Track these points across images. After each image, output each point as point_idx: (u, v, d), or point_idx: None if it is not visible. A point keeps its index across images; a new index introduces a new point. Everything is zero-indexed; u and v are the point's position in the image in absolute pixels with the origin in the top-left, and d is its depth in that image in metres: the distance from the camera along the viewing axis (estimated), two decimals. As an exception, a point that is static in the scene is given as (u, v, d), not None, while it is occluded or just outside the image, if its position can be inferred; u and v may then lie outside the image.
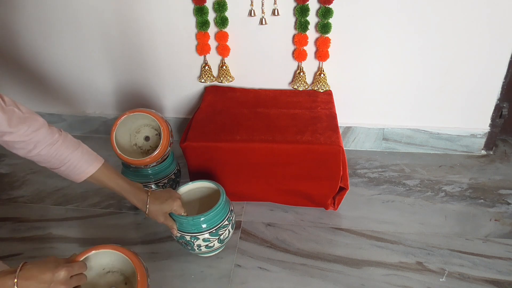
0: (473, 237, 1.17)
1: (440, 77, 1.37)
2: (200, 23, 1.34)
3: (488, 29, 1.26)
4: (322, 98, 1.38)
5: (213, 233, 1.04)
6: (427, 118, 1.46)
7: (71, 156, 0.91)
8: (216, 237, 1.04)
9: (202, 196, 1.15)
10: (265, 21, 1.32)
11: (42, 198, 1.36)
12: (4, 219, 1.28)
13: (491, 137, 1.47)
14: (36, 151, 0.87)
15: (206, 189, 1.14)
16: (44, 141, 0.87)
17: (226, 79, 1.45)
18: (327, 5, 1.26)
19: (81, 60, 1.51)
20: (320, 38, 1.32)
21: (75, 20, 1.42)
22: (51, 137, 0.89)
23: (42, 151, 0.88)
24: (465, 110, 1.43)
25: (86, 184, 1.41)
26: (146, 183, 1.22)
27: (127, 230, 1.23)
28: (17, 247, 1.18)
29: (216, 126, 1.25)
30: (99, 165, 0.96)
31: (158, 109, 1.57)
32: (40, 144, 0.87)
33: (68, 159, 0.91)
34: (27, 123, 0.85)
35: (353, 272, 1.08)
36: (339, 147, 1.13)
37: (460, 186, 1.36)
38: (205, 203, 1.13)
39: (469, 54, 1.32)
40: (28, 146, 0.86)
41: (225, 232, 1.06)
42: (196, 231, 1.02)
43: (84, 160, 0.93)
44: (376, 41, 1.32)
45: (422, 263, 1.10)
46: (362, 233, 1.19)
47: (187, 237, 1.03)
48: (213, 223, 1.03)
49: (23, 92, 1.62)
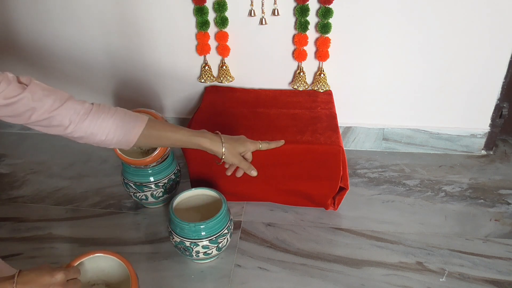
0: (473, 237, 1.17)
1: (440, 77, 1.37)
2: (200, 23, 1.34)
3: (488, 29, 1.26)
4: (322, 98, 1.38)
5: (213, 241, 1.04)
6: (427, 118, 1.46)
7: (112, 120, 0.82)
8: (215, 245, 1.05)
9: (203, 203, 1.15)
10: (265, 21, 1.32)
11: (42, 198, 1.36)
12: (4, 219, 1.28)
13: (491, 137, 1.47)
14: (73, 127, 0.80)
15: (207, 197, 1.14)
16: (75, 112, 0.79)
17: (226, 79, 1.45)
18: (327, 5, 1.26)
19: (81, 60, 1.51)
20: (320, 38, 1.32)
21: (75, 19, 1.42)
22: (82, 106, 0.81)
23: (78, 124, 0.80)
24: (465, 110, 1.43)
25: (86, 184, 1.43)
26: (146, 183, 1.22)
27: (127, 230, 1.23)
28: (17, 247, 1.18)
29: (216, 126, 1.24)
30: (145, 121, 0.85)
31: (158, 109, 1.57)
32: (73, 116, 0.79)
33: (109, 126, 0.82)
34: (51, 97, 0.78)
35: (353, 272, 1.08)
36: (339, 147, 1.13)
37: (460, 186, 1.35)
38: (206, 211, 1.14)
39: (469, 54, 1.32)
40: (63, 122, 0.79)
41: (224, 240, 1.07)
42: (196, 237, 1.03)
43: (127, 120, 0.83)
44: (376, 41, 1.32)
45: (422, 263, 1.10)
46: (362, 233, 1.19)
47: (186, 243, 1.03)
48: (214, 231, 1.03)
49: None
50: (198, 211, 1.15)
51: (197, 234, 1.02)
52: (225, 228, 1.06)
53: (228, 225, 1.07)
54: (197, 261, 1.11)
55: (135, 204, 1.32)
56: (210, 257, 1.09)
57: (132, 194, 1.25)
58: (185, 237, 1.03)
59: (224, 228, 1.05)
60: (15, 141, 1.66)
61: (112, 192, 1.38)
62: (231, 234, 1.09)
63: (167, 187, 1.25)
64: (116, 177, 1.39)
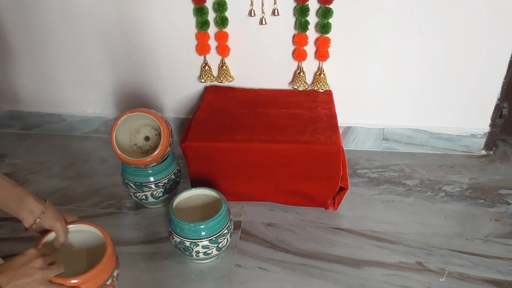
0: (473, 237, 1.17)
1: (440, 77, 1.37)
2: (200, 23, 1.34)
3: (488, 29, 1.26)
4: (322, 98, 1.38)
5: (213, 241, 1.04)
6: (427, 118, 1.46)
7: None
8: (215, 245, 1.05)
9: (203, 203, 1.15)
10: (265, 21, 1.32)
11: (42, 198, 1.36)
12: (5, 219, 1.28)
13: (491, 137, 1.47)
14: None
15: (207, 197, 1.14)
16: None
17: (226, 79, 1.45)
18: (327, 5, 1.26)
19: (81, 60, 1.51)
20: (320, 38, 1.32)
21: (75, 20, 1.42)
22: None
23: None
24: (465, 110, 1.43)
25: (86, 184, 1.43)
26: (146, 183, 1.22)
27: (127, 230, 1.23)
28: (17, 247, 1.18)
29: (216, 126, 1.25)
30: None
31: (158, 109, 1.57)
32: None
33: None
34: None
35: (353, 272, 1.08)
36: (339, 147, 1.14)
37: (460, 186, 1.35)
38: (206, 211, 1.14)
39: (469, 54, 1.32)
40: None
41: (224, 240, 1.07)
42: (196, 237, 1.02)
43: None
44: (376, 41, 1.32)
45: (422, 263, 1.10)
46: (362, 233, 1.19)
47: (186, 243, 1.03)
48: (214, 231, 1.03)
49: (22, 92, 1.62)
50: (198, 211, 1.15)
51: (197, 234, 1.02)
52: (225, 228, 1.06)
53: (228, 225, 1.07)
54: (197, 261, 1.11)
55: (135, 204, 1.32)
56: (210, 257, 1.09)
57: (132, 194, 1.25)
58: (185, 237, 1.03)
59: (224, 228, 1.05)
60: (15, 141, 1.66)
61: (112, 192, 1.38)
62: (231, 234, 1.09)
63: (167, 187, 1.25)
64: (116, 177, 1.39)
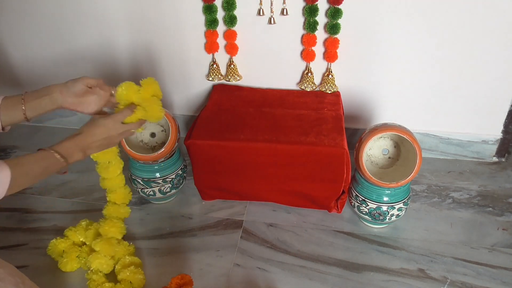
0: (478, 245, 1.14)
1: (451, 80, 1.34)
2: (209, 21, 1.34)
3: (501, 33, 1.23)
4: (330, 99, 1.36)
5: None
6: (437, 122, 1.43)
7: None
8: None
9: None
10: (274, 20, 1.31)
11: (50, 191, 1.39)
12: (13, 209, 1.32)
13: (503, 144, 1.43)
14: None
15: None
16: None
17: (234, 78, 1.45)
18: (337, 5, 1.24)
19: (89, 57, 1.53)
20: (328, 38, 1.31)
21: (83, 17, 1.44)
22: None
23: None
24: (477, 115, 1.39)
25: (93, 178, 1.45)
26: (154, 179, 1.23)
27: (131, 225, 1.24)
28: (23, 238, 1.21)
29: (221, 124, 1.25)
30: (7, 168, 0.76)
31: (166, 106, 1.58)
32: None
33: None
34: None
35: (352, 277, 1.07)
36: (343, 150, 1.12)
37: (469, 193, 1.32)
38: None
39: (482, 58, 1.28)
40: None
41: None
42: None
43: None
44: (385, 43, 1.30)
45: (424, 270, 1.08)
46: (364, 237, 1.18)
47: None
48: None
49: (35, 86, 1.64)
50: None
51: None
52: None
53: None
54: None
55: (140, 199, 1.34)
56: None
57: (140, 190, 1.26)
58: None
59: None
60: (26, 133, 1.69)
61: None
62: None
63: (174, 183, 1.26)
64: (123, 172, 1.40)
